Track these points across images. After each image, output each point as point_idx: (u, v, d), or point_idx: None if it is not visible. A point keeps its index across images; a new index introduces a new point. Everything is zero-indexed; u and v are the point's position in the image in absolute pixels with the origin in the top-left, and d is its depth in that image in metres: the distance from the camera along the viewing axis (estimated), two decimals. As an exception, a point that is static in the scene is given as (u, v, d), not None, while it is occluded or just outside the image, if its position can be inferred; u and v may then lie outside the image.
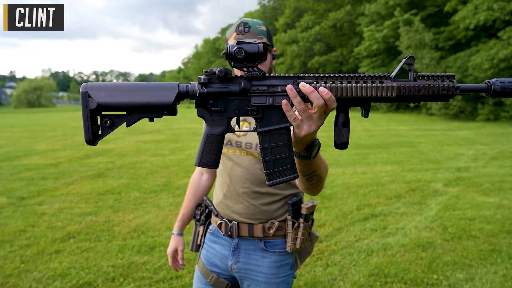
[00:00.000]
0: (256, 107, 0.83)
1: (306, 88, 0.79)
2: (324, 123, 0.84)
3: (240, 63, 0.80)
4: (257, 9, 52.76)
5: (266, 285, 1.40)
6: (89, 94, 0.81)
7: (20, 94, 65.79)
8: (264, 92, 0.82)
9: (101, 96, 0.81)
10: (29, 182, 6.38)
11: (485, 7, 17.25)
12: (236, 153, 1.41)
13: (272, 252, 1.41)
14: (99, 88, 0.81)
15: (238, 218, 1.41)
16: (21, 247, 3.66)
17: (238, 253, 1.43)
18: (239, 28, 1.32)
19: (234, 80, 0.83)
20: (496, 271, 3.10)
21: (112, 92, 0.81)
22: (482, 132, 13.74)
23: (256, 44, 0.80)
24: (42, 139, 12.77)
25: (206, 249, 1.53)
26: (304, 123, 0.82)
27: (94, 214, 4.63)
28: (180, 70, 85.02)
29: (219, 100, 0.83)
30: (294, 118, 0.81)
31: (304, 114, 0.81)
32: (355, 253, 3.48)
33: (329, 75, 0.83)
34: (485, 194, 5.38)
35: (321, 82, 0.81)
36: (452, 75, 0.83)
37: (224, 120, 0.84)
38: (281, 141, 0.85)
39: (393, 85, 0.80)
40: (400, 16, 23.48)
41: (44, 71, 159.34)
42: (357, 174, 6.84)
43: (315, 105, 0.79)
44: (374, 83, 0.82)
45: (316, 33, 34.52)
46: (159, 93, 0.81)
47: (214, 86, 0.82)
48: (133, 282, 2.98)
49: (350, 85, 0.81)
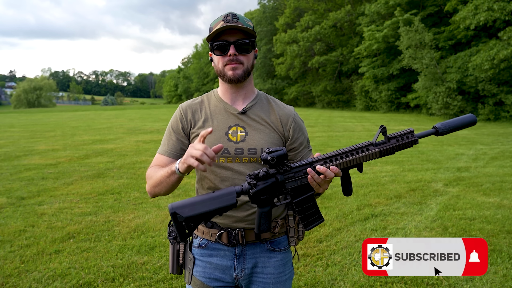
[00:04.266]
0: (291, 189, 1.20)
1: (322, 170, 1.15)
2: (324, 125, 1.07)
3: (276, 165, 1.16)
4: (257, 9, 52.74)
5: (275, 285, 1.41)
6: (176, 212, 1.10)
7: (20, 94, 65.84)
8: (293, 178, 1.19)
9: (185, 212, 1.10)
10: (29, 182, 6.37)
11: (485, 7, 17.24)
12: (236, 161, 1.34)
13: (278, 251, 1.42)
14: (182, 205, 1.11)
15: (243, 225, 1.36)
16: (21, 247, 3.65)
17: (243, 260, 1.39)
18: (227, 17, 1.30)
19: (270, 176, 1.17)
20: (496, 271, 3.10)
21: (192, 207, 1.11)
22: (482, 132, 13.74)
23: (282, 148, 1.15)
24: (42, 139, 12.77)
25: (201, 265, 1.40)
26: (321, 187, 1.20)
27: (94, 214, 4.63)
28: (180, 70, 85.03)
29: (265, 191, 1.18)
30: (315, 186, 1.20)
31: (323, 182, 1.19)
32: (355, 253, 3.48)
33: (333, 154, 1.18)
34: (486, 194, 5.37)
35: (329, 162, 1.17)
36: (412, 131, 1.20)
37: (270, 200, 1.19)
38: (311, 201, 1.24)
39: (375, 150, 1.17)
40: (400, 16, 23.48)
41: (44, 70, 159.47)
42: (357, 174, 6.84)
43: (328, 178, 1.16)
44: (364, 153, 1.17)
45: (316, 33, 34.50)
46: (225, 199, 1.13)
47: (259, 184, 1.16)
48: (133, 282, 2.97)
49: (349, 159, 1.17)
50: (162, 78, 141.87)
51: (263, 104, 1.44)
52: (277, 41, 40.87)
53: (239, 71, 1.33)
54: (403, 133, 1.19)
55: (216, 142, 1.33)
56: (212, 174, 1.36)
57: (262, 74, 47.62)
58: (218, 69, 1.36)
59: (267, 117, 1.41)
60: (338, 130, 14.76)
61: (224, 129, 1.36)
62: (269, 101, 1.46)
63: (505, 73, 17.83)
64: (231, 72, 1.32)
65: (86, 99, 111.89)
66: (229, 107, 1.39)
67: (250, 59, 1.36)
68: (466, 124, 1.23)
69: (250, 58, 1.37)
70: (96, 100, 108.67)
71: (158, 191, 1.33)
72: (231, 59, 1.31)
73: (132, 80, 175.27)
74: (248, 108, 1.39)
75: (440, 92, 19.84)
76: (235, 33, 1.31)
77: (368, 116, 24.11)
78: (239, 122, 1.37)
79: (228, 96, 1.41)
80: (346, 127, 16.19)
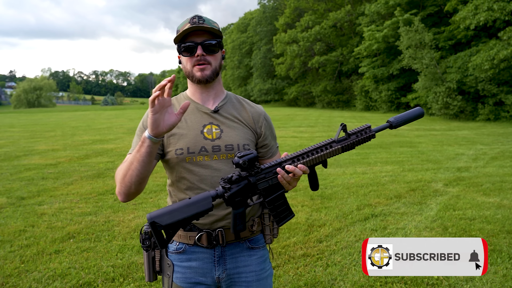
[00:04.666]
0: (262, 189, 1.25)
1: (291, 169, 1.22)
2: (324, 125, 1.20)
3: (248, 168, 1.20)
4: (257, 9, 52.74)
5: (258, 282, 1.41)
6: (155, 221, 1.11)
7: (20, 94, 65.82)
8: (265, 179, 1.24)
9: (164, 220, 1.12)
10: (29, 182, 6.37)
11: (485, 7, 17.22)
12: (214, 158, 1.35)
13: (257, 248, 1.44)
14: (161, 214, 1.13)
15: (223, 224, 1.36)
16: (21, 247, 3.65)
17: (224, 261, 1.39)
18: (193, 19, 1.33)
19: (242, 179, 1.22)
20: (496, 271, 3.10)
21: (170, 215, 1.13)
22: (482, 132, 13.74)
23: (252, 151, 1.20)
24: (42, 139, 12.77)
25: (180, 271, 1.37)
26: (291, 185, 1.27)
27: (94, 214, 4.63)
28: (180, 70, 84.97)
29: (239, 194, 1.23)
30: (285, 185, 1.26)
31: (292, 180, 1.25)
32: (355, 253, 3.48)
33: (300, 153, 1.25)
34: (486, 194, 5.37)
35: (296, 161, 1.24)
36: (369, 126, 1.30)
37: (243, 201, 1.24)
38: (281, 199, 1.30)
39: (338, 147, 1.27)
40: (400, 16, 23.46)
41: (44, 70, 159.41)
42: (357, 174, 6.84)
43: (296, 175, 1.23)
44: (328, 150, 1.26)
45: (316, 33, 34.49)
46: (201, 204, 1.16)
47: (233, 187, 1.21)
48: (133, 282, 2.97)
49: (315, 157, 1.25)
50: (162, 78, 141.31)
51: (233, 103, 1.46)
52: (277, 41, 40.86)
53: (207, 71, 1.35)
54: (361, 129, 1.30)
55: (192, 140, 1.34)
56: (190, 174, 1.34)
57: (262, 74, 47.59)
58: (186, 70, 1.37)
59: (239, 115, 1.43)
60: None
61: (199, 127, 1.37)
62: (239, 100, 1.50)
63: (505, 73, 17.82)
64: (199, 73, 1.34)
65: (86, 99, 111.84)
66: (200, 107, 1.40)
67: (217, 59, 1.38)
68: (415, 116, 1.36)
69: (218, 58, 1.38)
70: (96, 100, 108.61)
71: (128, 181, 1.23)
72: (199, 60, 1.33)
73: (132, 80, 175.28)
74: (220, 106, 1.41)
75: (440, 92, 19.83)
76: (201, 34, 1.33)
77: (368, 116, 24.10)
78: (213, 121, 1.39)
79: (198, 97, 1.42)
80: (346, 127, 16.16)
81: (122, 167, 1.28)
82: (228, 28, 67.20)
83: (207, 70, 1.34)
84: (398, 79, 27.32)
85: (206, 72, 1.35)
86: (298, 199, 5.21)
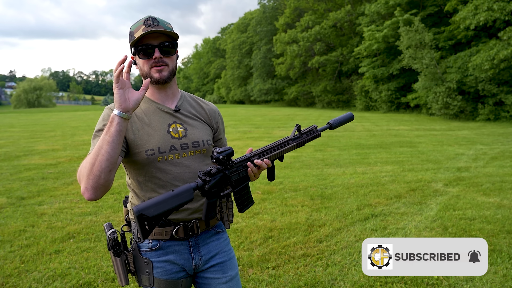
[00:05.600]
0: (234, 181, 1.39)
1: (259, 163, 1.38)
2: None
3: (224, 162, 1.32)
4: (257, 9, 52.74)
5: (230, 261, 1.55)
6: (143, 213, 1.15)
7: (20, 94, 65.76)
8: (236, 172, 1.39)
9: (151, 212, 1.16)
10: (29, 182, 6.37)
11: (485, 7, 17.22)
12: (183, 155, 1.42)
13: (222, 232, 1.59)
14: (148, 206, 1.17)
15: (197, 215, 1.46)
16: (21, 247, 3.65)
17: (198, 249, 1.48)
18: (148, 21, 1.36)
19: (219, 172, 1.34)
20: (496, 271, 3.10)
21: (157, 206, 1.18)
22: (482, 132, 13.74)
23: (229, 148, 1.32)
24: (42, 139, 12.77)
25: (160, 266, 1.42)
26: (255, 177, 1.42)
27: (94, 214, 4.63)
28: (180, 70, 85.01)
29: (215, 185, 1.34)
30: (252, 176, 1.41)
31: (257, 172, 1.41)
32: (355, 253, 3.48)
33: (263, 149, 1.43)
34: (486, 194, 5.37)
35: (262, 156, 1.42)
36: (315, 127, 1.57)
37: (218, 192, 1.35)
38: (246, 189, 1.46)
39: (294, 144, 1.50)
40: (400, 16, 23.46)
41: (44, 70, 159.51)
42: (357, 174, 6.84)
43: (261, 168, 1.40)
44: (286, 146, 1.48)
45: (316, 33, 34.49)
46: (184, 196, 1.24)
47: (211, 180, 1.31)
48: (133, 282, 2.97)
49: (277, 152, 1.46)
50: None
51: (189, 101, 1.55)
52: (277, 41, 40.85)
53: (165, 72, 1.40)
54: (310, 129, 1.56)
55: (161, 140, 1.40)
56: (163, 173, 1.40)
57: (262, 74, 47.59)
58: (143, 71, 1.41)
59: (198, 112, 1.54)
60: (338, 130, 14.75)
61: (164, 127, 1.43)
62: (193, 98, 1.59)
63: (505, 73, 17.82)
64: (157, 74, 1.39)
65: (86, 99, 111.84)
66: (162, 107, 1.46)
67: (173, 60, 1.43)
68: (348, 119, 1.65)
69: (174, 59, 1.44)
70: (96, 100, 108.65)
71: (98, 169, 1.17)
72: (157, 62, 1.38)
73: (132, 80, 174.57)
74: (179, 105, 1.49)
75: (440, 92, 19.83)
76: (157, 36, 1.37)
77: (368, 116, 24.10)
78: (176, 120, 1.46)
79: (157, 97, 1.47)
80: (346, 127, 16.18)
81: (87, 159, 1.23)
82: (228, 28, 67.21)
83: (164, 71, 1.40)
84: (398, 79, 27.32)
85: (164, 73, 1.40)
86: (298, 199, 5.21)
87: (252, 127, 16.67)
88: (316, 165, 7.74)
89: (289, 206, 4.92)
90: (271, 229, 4.09)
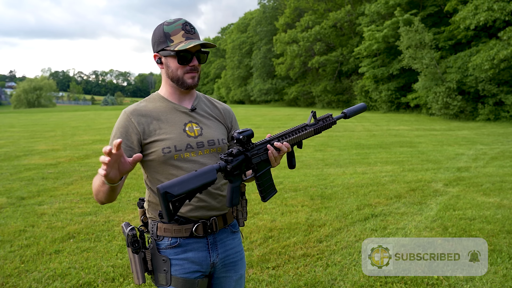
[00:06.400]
0: (255, 164, 1.38)
1: (279, 145, 1.38)
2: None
3: (245, 143, 1.32)
4: (257, 9, 52.73)
5: (241, 261, 1.60)
6: (167, 191, 1.14)
7: (20, 94, 65.75)
8: (257, 155, 1.38)
9: (175, 190, 1.16)
10: (29, 182, 6.38)
11: (485, 7, 17.22)
12: (199, 154, 1.45)
13: (236, 232, 1.62)
14: (172, 184, 1.17)
15: (215, 213, 1.49)
16: (21, 247, 3.65)
17: (215, 247, 1.51)
18: (186, 27, 1.40)
19: (240, 153, 1.33)
20: (496, 271, 3.10)
21: (181, 185, 1.17)
22: (482, 132, 13.74)
23: (249, 129, 1.33)
24: (42, 139, 12.77)
25: (178, 264, 1.44)
26: (276, 162, 1.42)
27: (94, 214, 4.63)
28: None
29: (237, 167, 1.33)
30: (273, 161, 1.41)
31: (278, 156, 1.41)
32: (355, 253, 3.48)
33: (282, 134, 1.44)
34: (486, 194, 5.37)
35: (282, 139, 1.43)
36: (330, 115, 1.58)
37: (240, 175, 1.34)
38: (268, 175, 1.45)
39: (311, 129, 1.51)
40: (400, 16, 23.46)
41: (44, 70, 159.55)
42: (357, 174, 6.84)
43: (282, 152, 1.40)
44: (304, 131, 1.49)
45: (316, 33, 34.48)
46: (208, 175, 1.23)
47: (234, 160, 1.31)
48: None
49: (295, 136, 1.46)
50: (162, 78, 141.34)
51: (204, 101, 1.59)
52: (277, 41, 40.85)
53: (196, 79, 1.46)
54: (326, 116, 1.57)
55: (177, 138, 1.43)
56: (179, 170, 1.42)
57: (262, 74, 47.59)
58: (176, 75, 1.43)
59: (212, 112, 1.57)
60: (338, 130, 14.76)
61: (181, 126, 1.46)
62: (207, 98, 1.63)
63: (505, 73, 17.81)
64: (190, 81, 1.44)
65: (86, 99, 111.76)
66: (178, 106, 1.49)
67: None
68: (361, 109, 1.65)
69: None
70: (96, 100, 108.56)
71: (101, 199, 1.34)
72: (193, 69, 1.42)
73: (132, 80, 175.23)
74: (195, 105, 1.52)
75: (440, 92, 19.83)
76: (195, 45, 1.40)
77: (368, 116, 24.10)
78: (192, 119, 1.49)
79: (175, 97, 1.50)
80: (346, 127, 16.18)
81: (95, 183, 1.32)
82: (228, 28, 67.19)
83: (196, 78, 1.45)
84: (398, 79, 27.31)
85: (196, 80, 1.45)
86: (298, 199, 5.21)
87: (252, 127, 16.67)
88: (316, 165, 7.74)
89: (289, 206, 4.92)
90: (271, 229, 4.09)
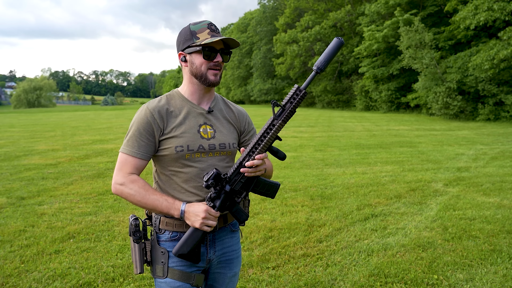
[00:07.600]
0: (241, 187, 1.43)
1: (251, 164, 1.36)
2: (324, 125, 1.39)
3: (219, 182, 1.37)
4: (257, 9, 52.74)
5: (236, 259, 1.63)
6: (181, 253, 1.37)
7: (20, 94, 65.80)
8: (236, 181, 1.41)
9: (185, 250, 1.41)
10: (29, 182, 6.38)
11: (485, 7, 17.22)
12: (209, 155, 1.50)
13: (236, 231, 1.64)
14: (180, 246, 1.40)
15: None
16: (21, 247, 3.65)
17: (213, 244, 1.54)
18: (211, 27, 1.45)
19: (219, 193, 1.41)
20: (497, 271, 3.10)
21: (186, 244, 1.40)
22: (482, 132, 13.74)
23: (212, 170, 1.37)
24: (42, 139, 12.77)
25: (176, 257, 1.46)
26: (261, 172, 1.41)
27: (94, 214, 4.63)
28: (180, 70, 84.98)
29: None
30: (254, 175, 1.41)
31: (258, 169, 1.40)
32: (355, 253, 3.48)
33: (252, 145, 1.37)
34: (486, 194, 5.37)
35: (252, 154, 1.38)
36: (298, 87, 1.31)
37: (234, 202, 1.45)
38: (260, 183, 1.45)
39: (280, 122, 1.34)
40: (400, 16, 23.47)
41: (43, 70, 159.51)
42: (357, 174, 6.84)
43: (259, 165, 1.38)
44: (273, 129, 1.35)
45: (316, 33, 34.50)
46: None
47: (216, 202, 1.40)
48: (133, 282, 2.97)
49: (265, 141, 1.36)
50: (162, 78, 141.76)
51: (221, 103, 1.61)
52: (277, 41, 40.86)
53: (219, 76, 1.48)
54: (292, 94, 1.32)
55: (191, 138, 1.46)
56: (189, 168, 1.47)
57: (262, 74, 47.60)
58: (199, 71, 1.45)
59: (228, 114, 1.60)
60: (338, 130, 14.76)
61: (196, 127, 1.49)
62: (224, 101, 1.65)
63: (505, 73, 17.82)
64: (213, 77, 1.45)
65: (86, 99, 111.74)
66: (196, 108, 1.52)
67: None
68: (336, 48, 1.32)
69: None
70: (96, 100, 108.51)
71: (139, 205, 1.44)
72: (216, 65, 1.45)
73: (132, 80, 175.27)
74: (212, 107, 1.55)
75: (440, 92, 19.83)
76: (219, 43, 1.45)
77: (368, 116, 24.10)
78: (207, 121, 1.52)
79: (196, 97, 1.52)
80: (346, 127, 16.18)
81: (144, 196, 1.41)
82: (228, 28, 67.21)
83: (219, 75, 1.47)
84: (398, 79, 27.33)
85: (218, 77, 1.47)
86: (298, 199, 5.21)
87: (252, 127, 16.65)
88: (316, 165, 7.74)
89: (289, 206, 4.92)
90: (271, 229, 4.09)
